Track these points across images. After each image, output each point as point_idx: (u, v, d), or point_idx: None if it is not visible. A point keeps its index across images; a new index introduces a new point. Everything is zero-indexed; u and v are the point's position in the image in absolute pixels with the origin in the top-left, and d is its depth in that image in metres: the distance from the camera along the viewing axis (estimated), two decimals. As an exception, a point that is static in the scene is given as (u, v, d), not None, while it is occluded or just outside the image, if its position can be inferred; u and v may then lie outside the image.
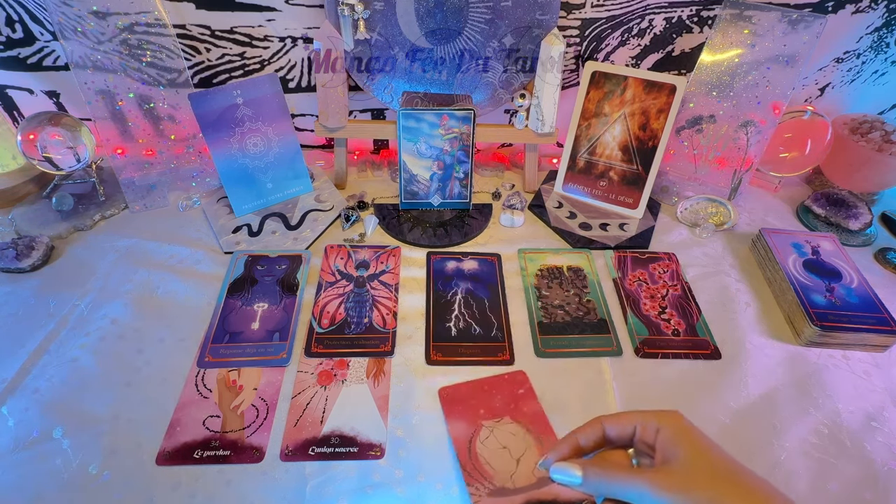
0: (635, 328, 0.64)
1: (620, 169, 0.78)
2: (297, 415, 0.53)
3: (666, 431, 0.40)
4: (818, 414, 0.56)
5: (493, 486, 0.47)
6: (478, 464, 0.49)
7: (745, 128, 0.79)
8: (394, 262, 0.71)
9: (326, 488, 0.47)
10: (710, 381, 0.58)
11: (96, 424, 0.51)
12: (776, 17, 0.72)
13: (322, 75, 0.72)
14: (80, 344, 0.58)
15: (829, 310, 0.63)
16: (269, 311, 0.63)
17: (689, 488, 0.36)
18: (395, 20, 0.72)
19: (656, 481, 0.37)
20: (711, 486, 0.36)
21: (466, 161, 0.75)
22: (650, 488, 0.37)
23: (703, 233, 0.78)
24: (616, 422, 0.43)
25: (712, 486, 0.36)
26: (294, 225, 0.75)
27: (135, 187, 0.76)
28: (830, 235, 0.74)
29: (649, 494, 0.37)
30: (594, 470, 0.41)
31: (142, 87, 0.73)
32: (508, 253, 0.73)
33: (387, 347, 0.60)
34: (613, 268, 0.72)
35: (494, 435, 0.52)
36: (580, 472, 0.41)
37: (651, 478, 0.38)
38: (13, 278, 0.66)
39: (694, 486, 0.36)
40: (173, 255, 0.70)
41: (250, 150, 0.74)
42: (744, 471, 0.37)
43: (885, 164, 0.81)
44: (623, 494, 0.39)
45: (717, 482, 0.36)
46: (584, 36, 0.79)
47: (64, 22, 0.66)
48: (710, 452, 0.38)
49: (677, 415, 0.41)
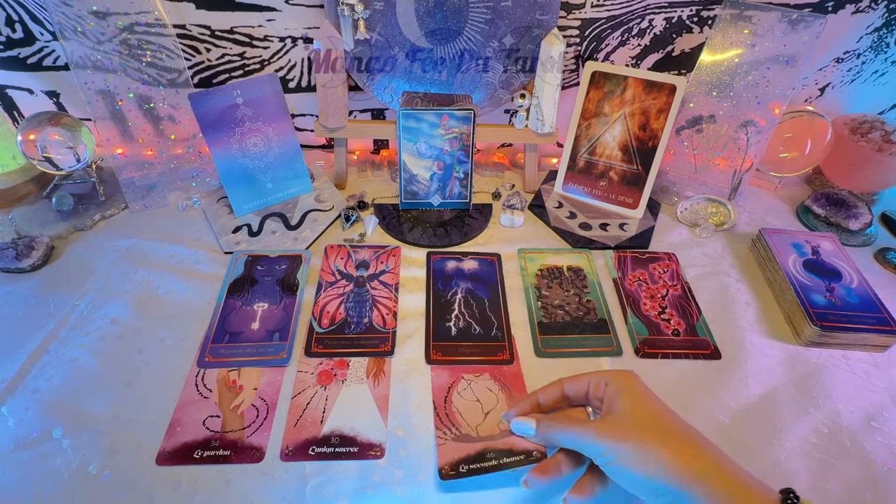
0: (635, 328, 0.64)
1: (620, 169, 0.78)
2: (297, 415, 0.53)
3: (613, 385, 0.44)
4: (818, 414, 0.56)
5: (458, 433, 0.52)
6: (450, 411, 0.54)
7: (745, 128, 0.79)
8: (394, 262, 0.71)
9: (326, 488, 0.47)
10: (710, 381, 0.58)
11: (96, 424, 0.51)
12: (776, 17, 0.72)
13: (322, 75, 0.72)
14: (80, 344, 0.58)
15: (829, 310, 0.63)
16: (269, 311, 0.63)
17: (624, 436, 0.39)
18: (395, 20, 0.72)
19: (597, 429, 0.41)
20: (643, 434, 0.39)
21: (466, 161, 0.75)
22: (591, 436, 0.41)
23: (703, 233, 0.78)
24: (574, 381, 0.47)
25: (644, 434, 0.39)
26: (294, 225, 0.75)
27: (135, 187, 0.76)
28: (830, 235, 0.74)
29: (591, 441, 0.41)
30: (546, 422, 0.46)
31: (142, 87, 0.73)
32: (508, 253, 0.73)
33: (387, 347, 0.60)
34: (613, 268, 0.72)
35: (472, 388, 0.56)
36: (534, 424, 0.47)
37: (593, 427, 0.42)
38: (13, 278, 0.66)
39: (628, 434, 0.39)
40: (173, 255, 0.70)
41: (250, 150, 0.74)
42: (678, 423, 0.40)
43: (885, 164, 0.81)
44: (571, 443, 0.44)
45: (648, 431, 0.39)
46: (584, 36, 0.79)
47: (64, 22, 0.66)
48: (647, 404, 0.42)
49: (627, 372, 0.45)
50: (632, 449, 0.38)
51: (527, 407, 0.49)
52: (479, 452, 0.49)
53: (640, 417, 0.41)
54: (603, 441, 0.40)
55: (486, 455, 0.49)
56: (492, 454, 0.49)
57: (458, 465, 0.48)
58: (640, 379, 0.44)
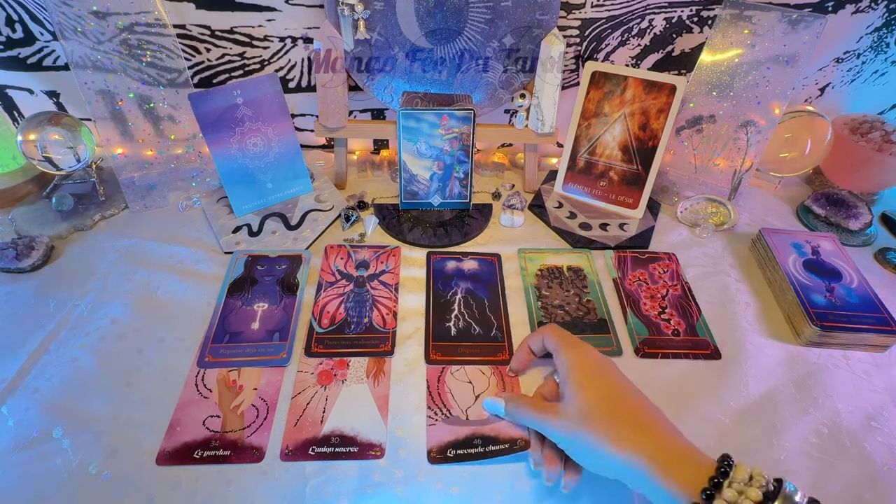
0: (635, 328, 0.64)
1: (620, 169, 0.78)
2: (297, 415, 0.53)
3: (559, 362, 0.48)
4: (818, 414, 0.56)
5: (448, 415, 0.53)
6: (443, 391, 0.55)
7: (745, 128, 0.79)
8: (394, 262, 0.71)
9: (326, 488, 0.47)
10: (710, 381, 0.58)
11: (96, 424, 0.51)
12: (776, 17, 0.72)
13: (322, 75, 0.72)
14: (80, 344, 0.58)
15: (829, 310, 0.63)
16: (269, 311, 0.63)
17: (574, 426, 0.43)
18: (395, 20, 0.72)
19: (552, 418, 0.45)
20: (589, 424, 0.43)
21: (466, 161, 0.75)
22: (549, 425, 0.45)
23: (703, 233, 0.78)
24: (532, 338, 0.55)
25: (589, 424, 0.43)
26: (294, 225, 0.75)
27: (135, 187, 0.76)
28: (830, 235, 0.74)
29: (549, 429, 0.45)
30: (513, 402, 0.50)
31: (142, 87, 0.73)
32: (508, 253, 0.73)
33: (387, 347, 0.60)
34: (613, 268, 0.72)
35: (465, 369, 0.58)
36: (503, 404, 0.50)
37: (549, 415, 0.45)
38: (13, 278, 0.66)
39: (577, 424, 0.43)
40: (173, 255, 0.70)
41: (250, 150, 0.74)
42: (620, 405, 0.44)
43: (885, 164, 0.81)
44: (536, 427, 0.48)
45: (593, 420, 0.43)
46: (584, 36, 0.79)
47: (64, 22, 0.66)
48: (590, 389, 0.45)
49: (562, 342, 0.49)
50: (582, 438, 0.42)
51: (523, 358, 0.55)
52: (468, 437, 0.51)
53: (586, 406, 0.44)
54: (558, 430, 0.44)
55: (473, 441, 0.51)
56: (478, 440, 0.50)
57: (447, 448, 0.50)
58: (577, 350, 0.48)
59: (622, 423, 0.42)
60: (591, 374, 0.46)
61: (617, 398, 0.44)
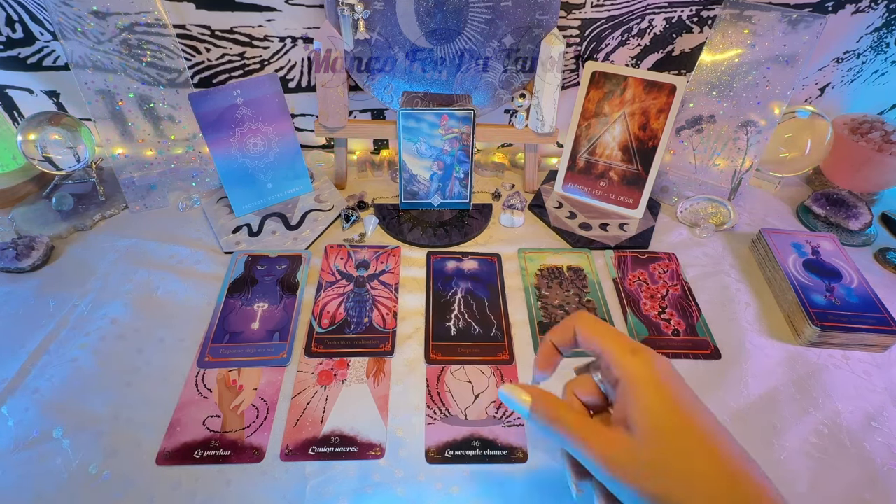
0: (635, 328, 0.64)
1: (620, 169, 0.78)
2: (297, 415, 0.53)
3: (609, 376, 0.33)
4: (818, 414, 0.56)
5: (447, 414, 0.53)
6: (442, 390, 0.55)
7: (745, 128, 0.79)
8: (394, 262, 0.71)
9: (326, 488, 0.47)
10: (710, 381, 0.58)
11: (96, 424, 0.51)
12: (776, 17, 0.72)
13: (322, 75, 0.72)
14: (80, 344, 0.58)
15: (829, 310, 0.63)
16: (269, 311, 0.63)
17: (630, 477, 0.30)
18: (395, 20, 0.72)
19: (597, 451, 0.31)
20: (656, 484, 0.29)
21: (466, 161, 0.75)
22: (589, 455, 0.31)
23: (703, 233, 0.78)
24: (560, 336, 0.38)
25: (657, 484, 0.29)
26: (294, 225, 0.75)
27: (135, 187, 0.76)
28: (830, 235, 0.74)
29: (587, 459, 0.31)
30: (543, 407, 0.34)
31: (142, 86, 0.73)
32: (508, 253, 0.73)
33: (387, 347, 0.60)
34: (613, 268, 0.72)
35: (465, 368, 0.58)
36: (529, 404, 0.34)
37: (597, 449, 0.31)
38: (13, 278, 0.66)
39: (637, 477, 0.29)
40: (173, 255, 0.70)
41: (250, 150, 0.74)
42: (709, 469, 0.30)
43: (885, 164, 0.81)
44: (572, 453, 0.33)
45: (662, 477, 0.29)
46: (584, 36, 0.79)
47: (64, 22, 0.66)
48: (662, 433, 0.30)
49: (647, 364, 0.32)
50: (645, 495, 0.29)
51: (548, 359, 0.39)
52: (465, 438, 0.51)
53: (660, 456, 0.30)
54: (610, 472, 0.31)
55: (471, 443, 0.51)
56: (476, 443, 0.50)
57: (445, 449, 0.50)
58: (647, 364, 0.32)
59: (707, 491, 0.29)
60: (672, 406, 0.32)
61: (706, 453, 0.31)
